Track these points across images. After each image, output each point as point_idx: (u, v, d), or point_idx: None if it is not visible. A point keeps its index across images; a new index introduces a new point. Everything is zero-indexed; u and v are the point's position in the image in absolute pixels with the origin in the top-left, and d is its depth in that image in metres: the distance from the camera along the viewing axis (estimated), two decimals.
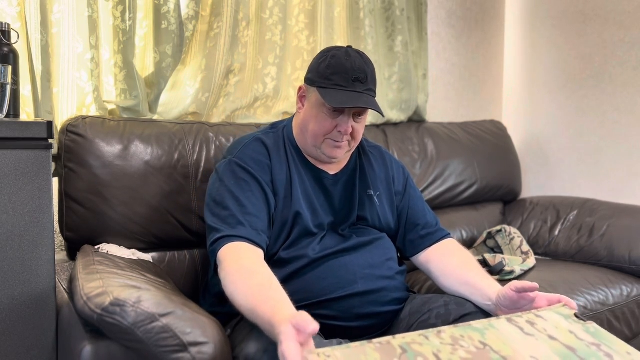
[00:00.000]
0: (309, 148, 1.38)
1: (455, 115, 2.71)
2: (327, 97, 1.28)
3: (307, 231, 1.34)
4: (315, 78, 1.34)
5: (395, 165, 1.54)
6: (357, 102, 1.27)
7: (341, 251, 1.33)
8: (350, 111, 1.32)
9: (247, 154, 1.35)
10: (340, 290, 1.27)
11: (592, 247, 2.04)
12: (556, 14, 2.59)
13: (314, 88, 1.34)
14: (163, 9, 1.74)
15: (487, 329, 0.97)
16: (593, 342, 0.97)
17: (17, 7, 1.52)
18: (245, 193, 1.29)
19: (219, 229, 1.24)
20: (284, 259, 1.31)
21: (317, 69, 1.34)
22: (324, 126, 1.32)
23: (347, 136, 1.33)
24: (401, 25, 2.31)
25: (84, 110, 1.68)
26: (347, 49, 1.35)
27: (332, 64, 1.31)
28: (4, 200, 1.18)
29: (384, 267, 1.35)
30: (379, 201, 1.45)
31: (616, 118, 2.40)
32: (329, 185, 1.40)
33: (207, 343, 1.02)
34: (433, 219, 1.51)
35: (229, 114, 1.94)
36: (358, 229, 1.40)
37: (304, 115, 1.37)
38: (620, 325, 1.79)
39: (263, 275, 1.13)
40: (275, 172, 1.35)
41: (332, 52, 1.34)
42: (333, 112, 1.31)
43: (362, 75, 1.31)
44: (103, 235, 1.53)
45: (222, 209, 1.27)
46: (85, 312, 1.08)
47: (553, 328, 1.00)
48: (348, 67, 1.30)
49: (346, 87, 1.29)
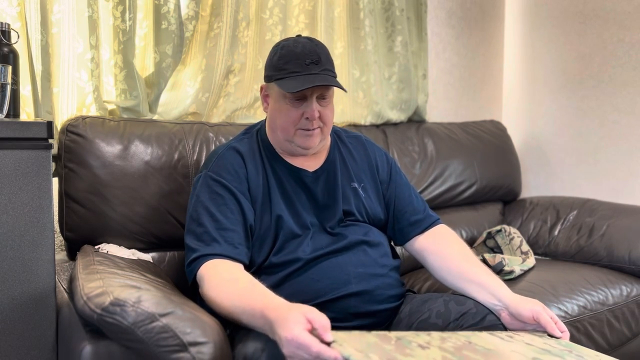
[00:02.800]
0: (282, 144, 1.37)
1: (455, 115, 2.71)
2: (284, 85, 1.28)
3: (292, 234, 1.33)
4: (270, 72, 1.34)
5: (377, 153, 1.51)
6: (314, 81, 1.27)
7: (333, 252, 1.32)
8: (313, 95, 1.31)
9: (221, 165, 1.34)
10: (334, 291, 1.27)
11: (592, 247, 2.04)
12: (556, 14, 2.59)
13: (272, 83, 1.34)
14: (163, 9, 1.74)
15: (471, 336, 1.09)
16: (565, 349, 1.09)
17: (17, 7, 1.52)
18: (219, 207, 1.29)
19: (194, 249, 1.25)
20: (276, 264, 1.30)
21: (270, 63, 1.35)
22: (291, 116, 1.32)
23: (316, 122, 1.32)
24: (401, 26, 2.31)
25: (84, 110, 1.68)
26: (296, 37, 1.36)
27: (284, 54, 1.31)
28: (4, 200, 1.18)
29: (377, 264, 1.34)
30: (364, 193, 1.43)
31: (616, 118, 2.40)
32: (310, 182, 1.39)
33: (207, 343, 1.02)
34: (421, 204, 1.49)
35: (229, 114, 1.94)
36: (347, 225, 1.38)
37: (270, 112, 1.37)
38: (620, 325, 1.79)
39: (245, 280, 1.15)
40: (251, 179, 1.34)
41: (282, 44, 1.34)
42: (296, 101, 1.31)
43: (315, 57, 1.30)
44: (103, 235, 1.53)
45: (197, 226, 1.27)
46: (85, 312, 1.08)
47: (529, 340, 1.12)
48: (299, 52, 1.30)
49: (301, 71, 1.29)
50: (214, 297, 1.15)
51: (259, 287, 1.12)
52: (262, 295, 1.07)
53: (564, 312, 1.66)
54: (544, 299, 1.66)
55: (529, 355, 0.98)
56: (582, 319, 1.68)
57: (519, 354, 0.99)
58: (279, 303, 1.02)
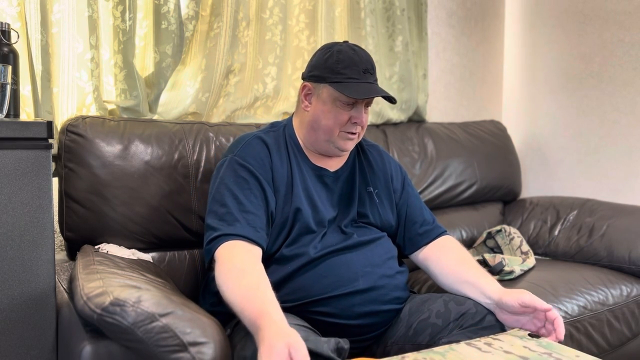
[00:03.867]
0: (319, 144, 1.40)
1: (455, 115, 2.71)
2: (346, 90, 1.31)
3: (308, 228, 1.34)
4: (324, 74, 1.36)
5: (392, 164, 1.56)
6: (375, 92, 1.32)
7: (342, 249, 1.34)
8: (363, 102, 1.36)
9: (247, 151, 1.36)
10: (341, 288, 1.28)
11: (592, 247, 2.04)
12: (556, 14, 2.59)
13: (323, 84, 1.35)
14: (163, 9, 1.74)
15: (447, 352, 1.07)
16: (545, 352, 1.09)
17: (17, 7, 1.52)
18: (244, 191, 1.29)
19: (215, 227, 1.25)
20: (286, 257, 1.31)
21: (324, 65, 1.36)
22: (340, 119, 1.35)
23: (359, 127, 1.37)
24: (401, 25, 2.31)
25: (84, 110, 1.68)
26: (348, 44, 1.39)
27: (342, 59, 1.34)
28: (4, 200, 1.18)
29: (384, 265, 1.35)
30: (378, 199, 1.46)
31: (616, 118, 2.40)
32: (330, 182, 1.42)
33: (207, 343, 1.02)
34: (430, 216, 1.53)
35: (229, 114, 1.94)
36: (359, 226, 1.41)
37: (314, 111, 1.38)
38: (620, 325, 1.79)
39: (252, 276, 1.15)
40: (275, 169, 1.36)
41: (337, 48, 1.37)
42: (347, 105, 1.35)
43: (371, 67, 1.37)
44: (103, 235, 1.53)
45: (220, 206, 1.28)
46: (85, 312, 1.08)
47: (508, 345, 1.12)
48: (357, 60, 1.34)
49: (359, 79, 1.34)
50: (221, 284, 1.15)
51: (261, 290, 1.11)
52: (260, 302, 1.07)
53: (564, 312, 1.66)
54: (544, 299, 1.66)
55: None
56: (582, 319, 1.69)
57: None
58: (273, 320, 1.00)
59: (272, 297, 1.09)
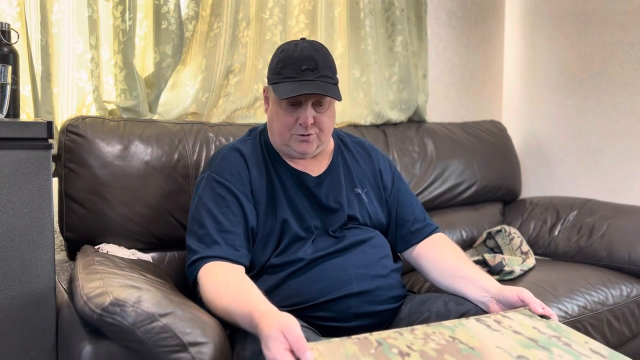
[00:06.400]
0: (281, 147, 1.38)
1: (455, 115, 2.71)
2: (277, 90, 1.29)
3: (297, 236, 1.33)
4: (270, 75, 1.35)
5: (381, 160, 1.52)
6: (305, 89, 1.26)
7: (334, 252, 1.32)
8: (308, 102, 1.30)
9: (224, 167, 1.35)
10: (335, 291, 1.27)
11: (592, 248, 2.04)
12: (556, 14, 2.59)
13: (270, 86, 1.34)
14: (163, 9, 1.74)
15: (456, 327, 1.06)
16: (554, 335, 1.07)
17: (17, 7, 1.52)
18: (221, 209, 1.29)
19: (195, 250, 1.25)
20: (277, 265, 1.31)
21: (270, 66, 1.35)
22: (286, 121, 1.32)
23: (311, 128, 1.32)
24: (401, 26, 2.31)
25: (84, 110, 1.68)
26: (299, 41, 1.34)
27: (282, 58, 1.31)
28: (4, 200, 1.18)
29: (378, 265, 1.34)
30: (368, 198, 1.44)
31: (616, 118, 2.40)
32: (312, 187, 1.39)
33: (207, 343, 1.02)
34: (421, 213, 1.50)
35: (229, 114, 1.94)
36: (350, 228, 1.39)
37: (269, 114, 1.38)
38: (620, 326, 1.79)
39: (238, 283, 1.16)
40: (254, 181, 1.34)
41: (283, 47, 1.34)
42: (290, 106, 1.31)
43: (312, 64, 1.29)
44: (103, 235, 1.53)
45: (199, 227, 1.28)
46: (85, 312, 1.08)
47: (518, 325, 1.10)
48: (295, 58, 1.30)
49: (296, 77, 1.29)
50: (209, 300, 1.16)
51: (247, 290, 1.12)
52: (248, 299, 1.07)
53: (564, 312, 1.66)
54: (544, 299, 1.66)
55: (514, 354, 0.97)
56: (582, 319, 1.68)
57: (504, 352, 0.98)
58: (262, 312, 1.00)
59: (257, 293, 1.10)
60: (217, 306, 1.13)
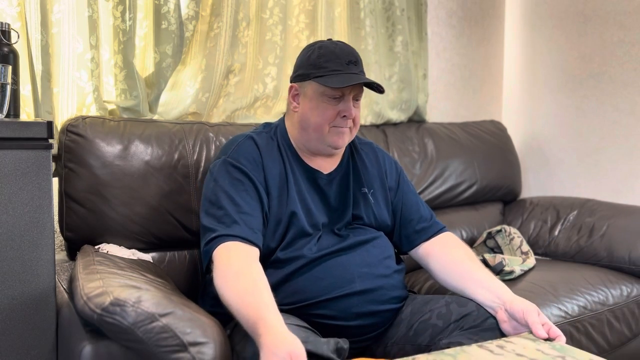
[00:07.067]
0: (311, 143, 1.39)
1: (455, 115, 2.71)
2: (329, 81, 1.30)
3: (303, 232, 1.34)
4: (308, 71, 1.35)
5: (387, 161, 1.54)
6: (359, 80, 1.30)
7: (338, 251, 1.33)
8: (350, 94, 1.34)
9: (240, 152, 1.35)
10: (338, 289, 1.28)
11: (592, 247, 2.04)
12: (556, 14, 2.59)
13: (308, 81, 1.35)
14: (163, 9, 1.74)
15: (458, 354, 1.05)
16: (558, 355, 1.06)
17: (17, 7, 1.52)
18: (239, 192, 1.29)
19: (214, 229, 1.24)
20: (281, 260, 1.31)
21: (307, 62, 1.36)
22: (328, 114, 1.34)
23: (349, 121, 1.36)
24: (401, 25, 2.31)
25: (84, 110, 1.68)
26: (328, 40, 1.39)
27: (323, 53, 1.34)
28: (4, 200, 1.18)
29: (381, 265, 1.35)
30: (374, 199, 1.45)
31: (616, 118, 2.40)
32: (323, 185, 1.41)
33: (207, 343, 1.02)
34: (427, 212, 1.51)
35: (229, 114, 1.94)
36: (354, 228, 1.40)
37: (302, 111, 1.37)
38: (620, 326, 1.79)
39: (248, 278, 1.15)
40: (267, 170, 1.35)
41: (318, 44, 1.37)
42: (333, 99, 1.33)
43: (354, 58, 1.35)
44: (103, 235, 1.53)
45: (217, 209, 1.27)
46: (85, 312, 1.08)
47: (521, 348, 1.09)
48: (339, 53, 1.34)
49: (342, 70, 1.32)
50: (218, 286, 1.15)
51: (257, 292, 1.11)
52: (257, 306, 1.07)
53: (564, 312, 1.66)
54: (544, 299, 1.66)
55: None
56: (582, 319, 1.68)
57: None
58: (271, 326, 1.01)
59: (268, 300, 1.09)
60: (224, 297, 1.13)
